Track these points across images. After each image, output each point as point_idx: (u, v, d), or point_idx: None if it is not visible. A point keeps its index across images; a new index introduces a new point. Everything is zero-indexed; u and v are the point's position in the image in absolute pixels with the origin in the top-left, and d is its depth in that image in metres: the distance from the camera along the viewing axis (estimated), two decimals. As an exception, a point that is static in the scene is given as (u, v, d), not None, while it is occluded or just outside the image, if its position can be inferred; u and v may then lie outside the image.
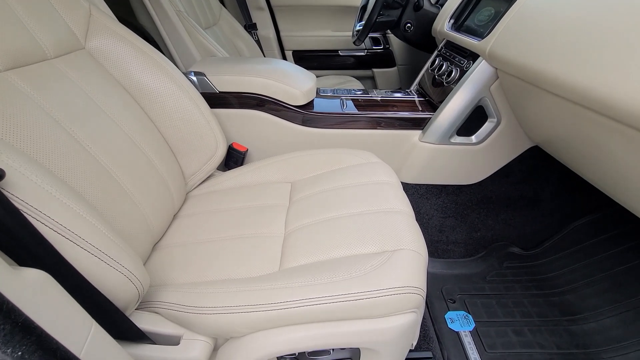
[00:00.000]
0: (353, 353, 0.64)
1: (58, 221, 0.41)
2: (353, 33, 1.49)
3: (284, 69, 1.06)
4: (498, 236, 1.14)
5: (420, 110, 1.07)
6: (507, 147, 1.03)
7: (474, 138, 1.01)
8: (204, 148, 0.90)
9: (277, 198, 0.83)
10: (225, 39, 1.53)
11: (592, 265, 1.03)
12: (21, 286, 0.30)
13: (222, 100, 1.01)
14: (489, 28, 0.90)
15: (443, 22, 1.18)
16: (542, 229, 1.14)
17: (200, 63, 1.06)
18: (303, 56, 1.95)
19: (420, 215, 1.12)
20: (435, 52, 1.21)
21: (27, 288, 0.31)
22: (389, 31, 1.79)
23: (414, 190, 1.09)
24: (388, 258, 0.58)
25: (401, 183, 0.86)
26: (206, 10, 1.45)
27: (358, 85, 1.71)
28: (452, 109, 0.96)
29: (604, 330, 0.91)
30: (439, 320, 0.94)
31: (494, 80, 0.92)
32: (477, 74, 0.92)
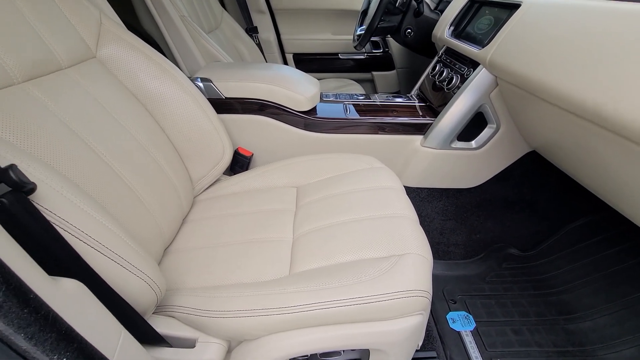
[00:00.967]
0: (363, 354, 0.67)
1: (84, 231, 0.43)
2: (354, 38, 1.51)
3: (288, 75, 1.08)
4: (497, 238, 1.17)
5: (421, 116, 1.09)
6: (506, 152, 1.06)
7: (474, 143, 1.04)
8: (211, 153, 0.91)
9: (284, 203, 0.85)
10: (227, 43, 1.55)
11: (588, 266, 1.06)
12: (61, 296, 0.32)
13: (228, 105, 1.03)
14: (489, 37, 0.93)
15: (443, 29, 1.20)
16: (539, 231, 1.18)
17: (206, 69, 1.08)
18: (303, 59, 1.97)
19: (421, 218, 1.14)
20: (436, 58, 1.24)
21: (66, 298, 0.33)
22: (390, 36, 1.81)
23: (415, 194, 1.12)
24: (395, 262, 0.61)
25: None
26: (208, 14, 1.46)
27: (359, 88, 1.74)
28: (453, 115, 0.99)
29: (599, 328, 0.94)
30: (441, 321, 0.97)
31: (493, 87, 0.94)
32: (478, 82, 0.95)
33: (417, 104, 1.18)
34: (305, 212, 0.79)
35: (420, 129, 1.06)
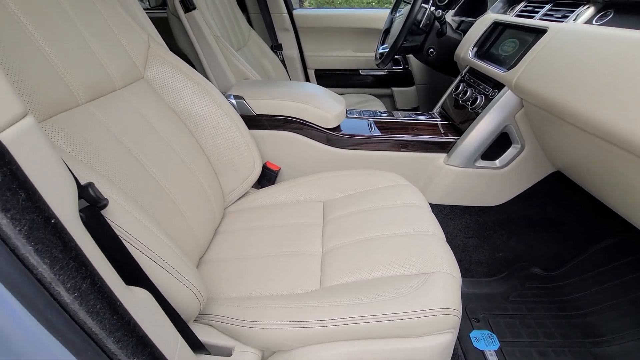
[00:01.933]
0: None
1: (145, 243, 0.47)
2: (376, 56, 1.56)
3: (316, 93, 1.12)
4: (520, 257, 1.17)
5: (444, 134, 1.11)
6: (530, 172, 1.06)
7: (498, 162, 1.05)
8: (242, 167, 0.96)
9: (312, 217, 0.88)
10: (254, 59, 1.61)
11: (615, 289, 1.05)
12: (136, 304, 0.35)
13: (258, 122, 1.07)
14: (514, 59, 0.95)
15: (467, 49, 1.23)
16: (563, 251, 1.17)
17: (238, 86, 1.13)
18: (324, 75, 2.03)
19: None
20: (459, 78, 1.26)
21: (140, 305, 0.36)
22: (412, 54, 1.85)
23: (438, 211, 1.13)
24: (426, 280, 0.63)
25: (427, 204, 0.90)
26: (237, 32, 1.54)
27: (379, 104, 1.77)
28: (478, 135, 1.01)
29: (627, 353, 0.92)
30: (465, 339, 0.97)
31: (519, 109, 0.96)
32: (503, 103, 0.97)
33: (440, 122, 1.20)
34: (334, 227, 0.82)
35: (444, 147, 1.08)
